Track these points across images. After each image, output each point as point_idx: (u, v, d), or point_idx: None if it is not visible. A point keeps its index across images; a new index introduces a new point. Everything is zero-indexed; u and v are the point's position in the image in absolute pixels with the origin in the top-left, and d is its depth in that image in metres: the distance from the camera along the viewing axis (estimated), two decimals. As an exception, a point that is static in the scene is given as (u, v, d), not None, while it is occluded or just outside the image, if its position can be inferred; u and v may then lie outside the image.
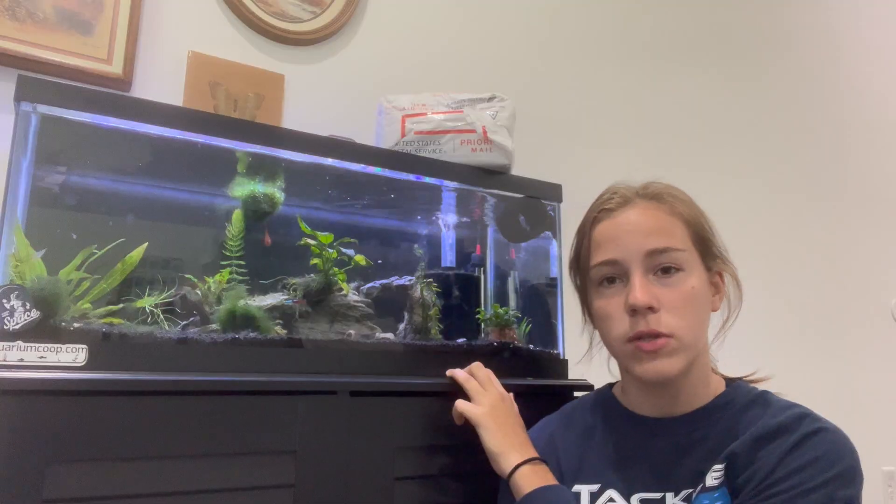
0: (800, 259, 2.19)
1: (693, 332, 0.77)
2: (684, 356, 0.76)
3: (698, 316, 0.78)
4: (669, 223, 0.79)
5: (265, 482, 0.82)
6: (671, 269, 0.77)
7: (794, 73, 2.31)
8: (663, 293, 0.76)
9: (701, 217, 0.83)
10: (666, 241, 0.78)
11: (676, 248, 0.78)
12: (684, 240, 0.79)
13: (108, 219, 1.06)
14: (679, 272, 0.77)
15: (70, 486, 0.72)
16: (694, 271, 0.79)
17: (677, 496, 0.74)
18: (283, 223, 1.12)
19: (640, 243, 0.78)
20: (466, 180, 1.19)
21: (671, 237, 0.78)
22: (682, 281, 0.77)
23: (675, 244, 0.78)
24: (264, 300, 1.03)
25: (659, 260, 0.77)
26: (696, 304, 0.77)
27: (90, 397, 0.74)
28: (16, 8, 1.15)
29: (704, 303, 0.80)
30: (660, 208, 0.81)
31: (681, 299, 0.76)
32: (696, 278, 0.78)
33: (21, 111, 0.88)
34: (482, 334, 1.25)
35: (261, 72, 1.36)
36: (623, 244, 0.79)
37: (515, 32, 1.77)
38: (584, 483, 0.81)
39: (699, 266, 0.80)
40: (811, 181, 2.28)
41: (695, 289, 0.77)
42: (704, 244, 0.81)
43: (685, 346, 0.76)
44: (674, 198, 0.82)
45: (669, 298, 0.76)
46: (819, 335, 2.16)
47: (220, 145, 1.02)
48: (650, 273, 0.78)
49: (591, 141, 1.83)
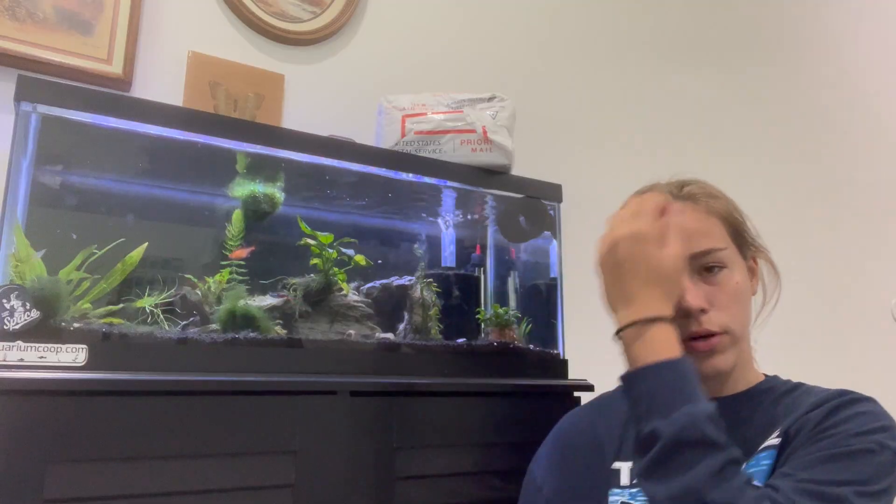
0: (800, 259, 2.19)
1: (742, 324, 0.80)
2: (736, 349, 0.79)
3: (745, 309, 0.81)
4: (708, 223, 0.81)
5: (265, 482, 0.82)
6: (715, 268, 0.79)
7: (795, 74, 2.31)
8: (711, 292, 0.78)
9: (734, 209, 0.84)
10: (707, 242, 0.79)
11: (718, 247, 0.79)
12: (723, 237, 0.81)
13: (108, 219, 1.06)
14: (723, 269, 0.79)
15: (71, 485, 0.72)
16: (736, 265, 0.81)
17: None
18: (283, 223, 1.12)
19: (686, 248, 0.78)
20: (466, 180, 1.19)
21: (711, 237, 0.80)
22: (727, 278, 0.79)
23: (717, 244, 0.80)
24: (264, 300, 1.03)
25: (703, 261, 0.79)
26: (742, 298, 0.80)
27: (90, 397, 0.74)
28: (16, 8, 1.15)
29: (748, 295, 0.82)
30: (696, 208, 0.82)
31: (729, 297, 0.78)
32: (739, 272, 0.81)
33: (21, 111, 0.89)
34: (482, 334, 1.25)
35: (261, 72, 1.36)
36: None
37: (515, 32, 1.77)
38: (625, 460, 0.81)
39: (739, 259, 0.82)
40: (811, 181, 2.28)
41: (739, 283, 0.80)
42: (740, 236, 0.83)
43: (736, 340, 0.79)
44: (709, 196, 0.84)
45: (718, 297, 0.78)
46: (819, 335, 2.16)
47: (220, 145, 1.02)
48: (695, 274, 0.79)
49: (591, 141, 1.83)
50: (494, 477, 0.87)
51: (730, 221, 0.83)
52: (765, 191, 2.17)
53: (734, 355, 0.79)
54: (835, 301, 2.22)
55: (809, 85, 2.35)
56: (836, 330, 2.20)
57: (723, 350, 0.78)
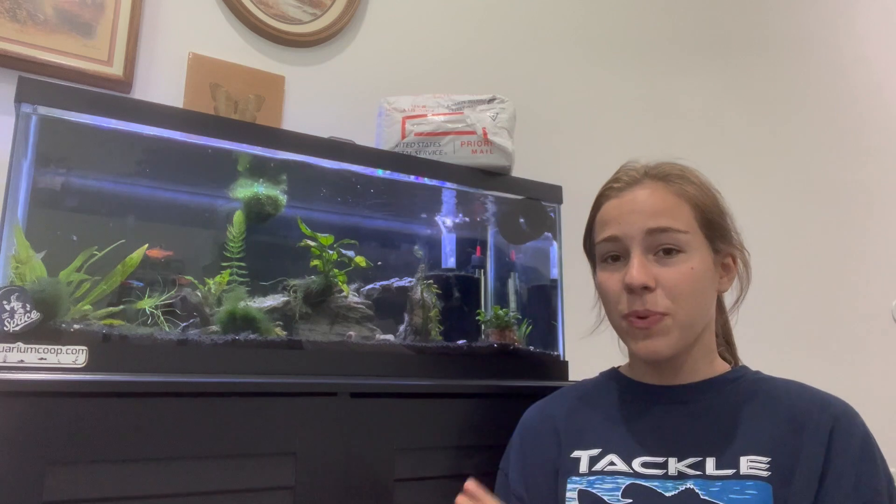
0: (800, 260, 2.19)
1: (689, 312, 0.77)
2: (679, 335, 0.77)
3: (696, 297, 0.78)
4: (674, 204, 0.80)
5: (265, 484, 0.82)
6: (672, 251, 0.78)
7: (796, 74, 2.31)
8: (661, 273, 0.77)
9: (712, 199, 0.83)
10: (667, 221, 0.78)
11: (677, 229, 0.78)
12: (689, 221, 0.79)
13: (109, 220, 1.06)
14: (680, 253, 0.78)
15: (70, 487, 0.72)
16: (696, 253, 0.79)
17: (681, 461, 0.74)
18: (283, 224, 1.12)
19: (642, 223, 0.78)
20: (467, 182, 1.19)
21: (673, 218, 0.78)
22: (681, 262, 0.77)
23: (677, 225, 0.78)
24: (264, 301, 1.03)
25: (659, 239, 0.78)
26: (694, 285, 0.77)
27: (90, 399, 0.74)
28: (17, 10, 1.15)
29: (705, 284, 0.79)
30: (667, 189, 0.81)
31: (678, 280, 0.77)
32: (699, 260, 0.78)
33: (22, 113, 0.89)
34: (482, 336, 1.25)
35: (261, 73, 1.36)
36: (625, 222, 0.80)
37: (516, 34, 1.77)
38: (584, 448, 0.81)
39: (704, 248, 0.80)
40: (811, 182, 2.28)
41: (694, 270, 0.77)
42: (712, 227, 0.81)
43: (680, 325, 0.77)
44: (683, 179, 0.82)
45: (667, 278, 0.77)
46: (819, 336, 2.16)
47: (221, 147, 1.02)
48: (650, 253, 0.78)
49: (591, 142, 1.83)
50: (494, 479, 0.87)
51: (701, 208, 0.80)
52: (765, 191, 2.17)
53: (675, 341, 0.77)
54: (835, 302, 2.22)
55: (811, 85, 2.35)
56: (836, 331, 2.20)
57: (663, 332, 0.76)
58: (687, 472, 0.73)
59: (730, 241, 0.83)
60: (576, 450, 0.81)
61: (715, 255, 0.81)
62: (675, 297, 0.76)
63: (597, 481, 0.77)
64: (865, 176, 2.40)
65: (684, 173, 0.84)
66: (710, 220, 0.81)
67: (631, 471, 0.76)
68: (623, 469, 0.77)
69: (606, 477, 0.77)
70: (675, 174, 0.83)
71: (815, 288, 2.19)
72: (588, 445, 0.81)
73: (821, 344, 2.15)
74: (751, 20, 2.25)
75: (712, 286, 0.81)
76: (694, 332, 0.79)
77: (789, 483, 0.70)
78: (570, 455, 0.81)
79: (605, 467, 0.78)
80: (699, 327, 0.80)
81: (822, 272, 2.22)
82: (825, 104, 2.37)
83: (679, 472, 0.74)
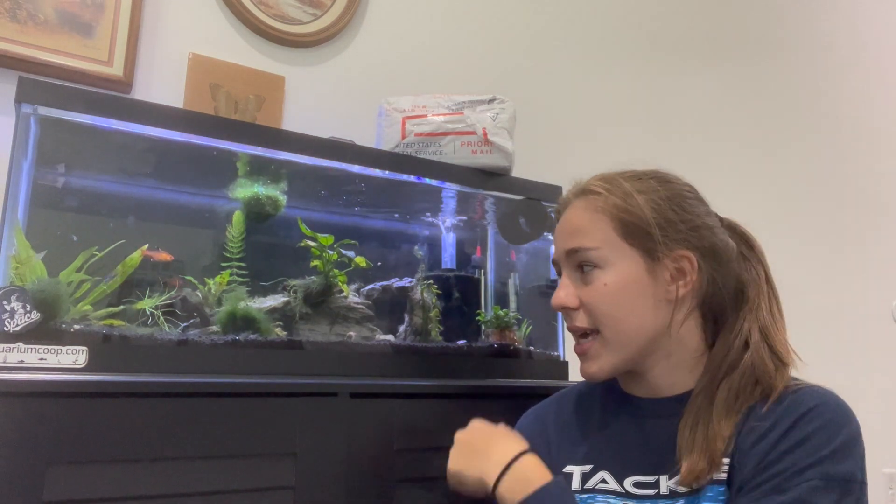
0: (800, 259, 2.19)
1: (614, 328, 0.76)
2: (611, 354, 0.77)
3: (618, 311, 0.76)
4: (588, 221, 0.79)
5: (265, 484, 0.82)
6: (586, 267, 0.78)
7: (797, 75, 2.31)
8: (582, 291, 0.78)
9: (640, 207, 0.77)
10: (578, 240, 0.79)
11: (587, 247, 0.78)
12: (603, 236, 0.77)
13: (109, 221, 1.06)
14: (594, 269, 0.77)
15: (70, 487, 0.72)
16: (612, 267, 0.77)
17: (672, 479, 0.73)
18: (283, 224, 1.12)
19: (563, 244, 0.81)
20: (467, 182, 1.19)
21: (584, 236, 0.78)
22: (596, 278, 0.77)
23: (587, 243, 0.78)
24: (264, 302, 1.03)
25: (576, 259, 0.79)
26: (611, 300, 0.76)
27: (90, 399, 0.74)
28: (17, 10, 1.15)
29: (630, 296, 0.76)
30: (584, 205, 0.80)
31: (592, 297, 0.77)
32: (616, 273, 0.76)
33: (22, 113, 0.89)
34: (482, 336, 1.25)
35: (261, 74, 1.36)
36: (557, 245, 0.83)
37: (516, 34, 1.77)
38: (577, 464, 0.80)
39: (628, 259, 0.77)
40: (812, 182, 2.28)
41: (607, 285, 0.76)
42: (638, 234, 0.77)
43: (608, 344, 0.77)
44: (605, 189, 0.80)
45: (584, 297, 0.78)
46: (819, 336, 2.16)
47: (221, 147, 1.02)
48: (577, 271, 0.79)
49: (591, 142, 1.83)
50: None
51: (620, 219, 0.77)
52: (766, 191, 2.17)
53: (609, 363, 0.77)
54: (835, 302, 2.22)
55: (812, 85, 2.35)
56: (837, 331, 2.20)
57: (592, 356, 0.78)
58: (678, 489, 0.72)
59: (670, 245, 0.77)
60: (568, 464, 0.81)
61: (652, 262, 0.77)
62: (593, 315, 0.77)
63: (588, 499, 0.76)
64: (866, 176, 2.40)
65: (607, 184, 0.80)
66: (635, 228, 0.77)
67: (623, 491, 0.75)
68: (615, 489, 0.76)
69: (598, 496, 0.76)
70: (595, 188, 0.80)
71: (815, 288, 2.19)
72: (580, 461, 0.80)
73: (821, 344, 2.15)
74: (751, 20, 2.25)
75: (645, 296, 0.77)
76: (633, 347, 0.77)
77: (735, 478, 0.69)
78: (563, 469, 0.80)
79: (597, 485, 0.77)
80: (640, 341, 0.77)
81: (823, 272, 2.22)
82: (826, 104, 2.37)
83: (670, 490, 0.72)
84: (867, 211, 2.37)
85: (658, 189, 0.80)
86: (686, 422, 0.74)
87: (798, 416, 0.68)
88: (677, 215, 0.78)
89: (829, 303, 2.21)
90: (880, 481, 2.19)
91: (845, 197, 2.34)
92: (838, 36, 2.46)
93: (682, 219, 0.78)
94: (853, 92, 2.45)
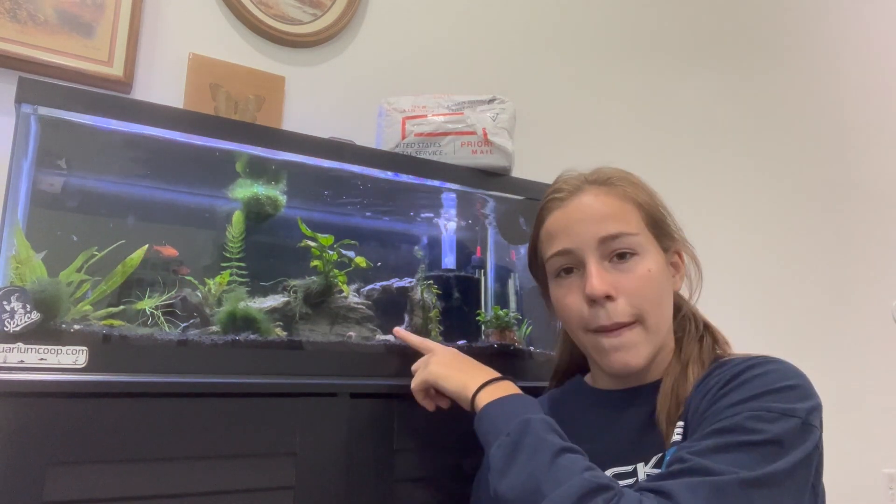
0: (800, 260, 2.19)
1: (655, 316, 0.76)
2: (650, 343, 0.76)
3: (658, 299, 0.77)
4: (621, 208, 0.78)
5: (265, 484, 0.82)
6: (626, 255, 0.76)
7: (797, 76, 2.31)
8: (620, 279, 0.75)
9: (653, 199, 0.81)
10: (619, 226, 0.76)
11: (630, 232, 0.76)
12: (638, 223, 0.78)
13: (109, 220, 1.06)
14: (634, 256, 0.76)
15: (71, 487, 0.72)
16: (649, 254, 0.77)
17: (648, 464, 0.73)
18: (283, 225, 1.12)
19: (593, 230, 0.77)
20: (467, 182, 1.19)
21: (624, 222, 0.77)
22: (637, 265, 0.76)
23: (629, 229, 0.77)
24: (264, 302, 1.03)
25: (613, 246, 0.76)
26: (654, 287, 0.76)
27: (90, 399, 0.74)
28: (17, 10, 1.15)
29: (664, 285, 0.78)
30: (610, 193, 0.79)
31: (639, 284, 0.75)
32: (653, 261, 0.77)
33: (22, 113, 0.89)
34: (482, 336, 1.25)
35: (261, 74, 1.36)
36: (575, 233, 0.78)
37: (516, 34, 1.77)
38: None
39: (655, 248, 0.79)
40: (812, 182, 2.28)
41: (651, 272, 0.76)
42: (658, 226, 0.80)
43: (649, 332, 0.76)
44: (624, 181, 0.81)
45: (626, 285, 0.75)
46: (819, 336, 2.16)
47: (221, 147, 1.02)
48: (605, 260, 0.77)
49: (591, 143, 1.83)
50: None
51: (646, 209, 0.79)
52: (765, 191, 2.17)
53: (648, 351, 0.76)
54: (835, 302, 2.22)
55: (811, 84, 2.35)
56: (836, 331, 2.20)
57: (632, 345, 0.75)
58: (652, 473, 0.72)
59: (674, 239, 0.82)
60: None
61: (664, 253, 0.80)
62: (638, 303, 0.75)
63: None
64: (866, 176, 2.40)
65: (624, 175, 0.82)
66: (656, 219, 0.80)
67: None
68: None
69: None
70: (616, 177, 0.81)
71: (814, 288, 2.19)
72: None
73: (821, 344, 2.15)
74: (751, 20, 2.25)
75: (669, 286, 0.80)
76: (661, 336, 0.78)
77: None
78: None
79: None
80: (665, 330, 0.79)
81: (822, 272, 2.22)
82: (825, 103, 2.37)
83: (647, 475, 0.72)
84: (867, 211, 2.37)
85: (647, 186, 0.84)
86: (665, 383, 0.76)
87: (744, 368, 0.69)
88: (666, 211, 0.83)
89: (828, 303, 2.21)
90: (880, 481, 2.18)
91: (845, 197, 2.34)
92: (839, 39, 2.46)
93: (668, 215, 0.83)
94: (853, 93, 2.45)
